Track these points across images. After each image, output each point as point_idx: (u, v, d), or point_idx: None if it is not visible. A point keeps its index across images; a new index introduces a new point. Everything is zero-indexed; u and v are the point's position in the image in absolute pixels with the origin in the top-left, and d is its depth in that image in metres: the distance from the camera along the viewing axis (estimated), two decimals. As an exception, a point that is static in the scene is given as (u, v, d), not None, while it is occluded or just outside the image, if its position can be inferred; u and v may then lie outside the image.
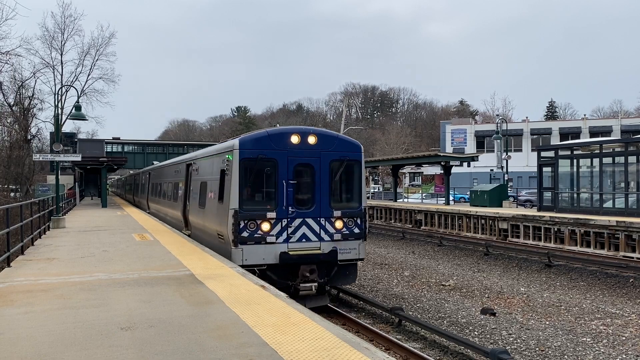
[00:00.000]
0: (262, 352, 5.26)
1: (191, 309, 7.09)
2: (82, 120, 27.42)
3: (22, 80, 46.33)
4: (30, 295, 7.95)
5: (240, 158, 12.15)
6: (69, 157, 23.23)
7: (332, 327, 6.23)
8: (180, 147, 68.20)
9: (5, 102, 44.83)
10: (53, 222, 19.46)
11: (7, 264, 10.92)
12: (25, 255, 12.51)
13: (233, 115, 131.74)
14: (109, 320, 6.51)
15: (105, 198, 38.42)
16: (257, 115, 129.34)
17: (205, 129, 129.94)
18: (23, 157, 44.57)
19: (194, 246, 13.77)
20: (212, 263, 10.95)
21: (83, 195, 51.39)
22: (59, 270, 10.23)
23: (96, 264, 10.86)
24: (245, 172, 12.24)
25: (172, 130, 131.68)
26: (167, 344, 5.56)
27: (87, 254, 12.43)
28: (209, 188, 14.27)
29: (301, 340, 5.63)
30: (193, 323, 6.36)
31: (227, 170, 12.52)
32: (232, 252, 11.87)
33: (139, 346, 5.51)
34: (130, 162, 60.17)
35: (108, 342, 5.67)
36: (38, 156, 24.00)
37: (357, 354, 5.19)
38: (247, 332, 5.95)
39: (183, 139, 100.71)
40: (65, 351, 5.37)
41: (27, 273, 9.93)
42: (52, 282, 8.97)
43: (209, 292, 8.07)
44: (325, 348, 5.38)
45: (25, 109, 47.29)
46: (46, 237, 16.54)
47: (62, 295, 7.98)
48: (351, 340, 5.69)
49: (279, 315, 6.67)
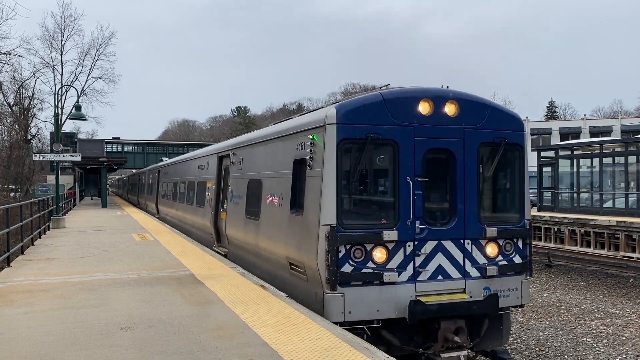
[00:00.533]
0: (262, 352, 5.26)
1: (191, 309, 7.08)
2: (82, 120, 27.42)
3: (22, 80, 46.43)
4: (30, 295, 7.95)
5: (340, 139, 7.41)
6: (69, 157, 23.25)
7: (332, 327, 6.23)
8: (180, 147, 68.26)
9: (5, 102, 44.88)
10: (53, 222, 19.47)
11: (7, 264, 10.93)
12: (25, 255, 12.51)
13: (233, 115, 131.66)
14: (109, 320, 6.50)
15: (105, 198, 38.45)
16: (257, 115, 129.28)
17: (205, 129, 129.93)
18: (23, 157, 44.63)
19: (194, 246, 13.77)
20: (212, 263, 10.94)
21: (83, 195, 51.42)
22: (59, 270, 10.22)
23: (96, 264, 10.86)
24: (346, 161, 7.57)
25: (172, 130, 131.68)
26: (167, 344, 5.56)
27: (87, 254, 12.43)
28: (268, 189, 9.68)
29: (301, 340, 5.63)
30: (193, 323, 6.36)
31: (310, 160, 7.86)
32: (325, 298, 7.31)
33: (139, 346, 5.50)
34: (130, 162, 60.25)
35: (108, 342, 5.66)
36: (38, 156, 24.00)
37: (357, 354, 5.19)
38: (247, 332, 5.95)
39: (183, 139, 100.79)
40: (65, 351, 5.37)
41: (27, 273, 9.93)
42: (52, 282, 8.97)
43: (209, 292, 8.06)
44: (326, 348, 5.38)
45: (25, 109, 47.33)
46: (46, 237, 16.54)
47: (62, 295, 7.98)
48: (351, 340, 5.68)
49: (279, 315, 6.67)
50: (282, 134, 9.35)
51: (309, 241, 7.63)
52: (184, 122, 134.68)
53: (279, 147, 9.45)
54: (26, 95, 47.48)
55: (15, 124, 46.09)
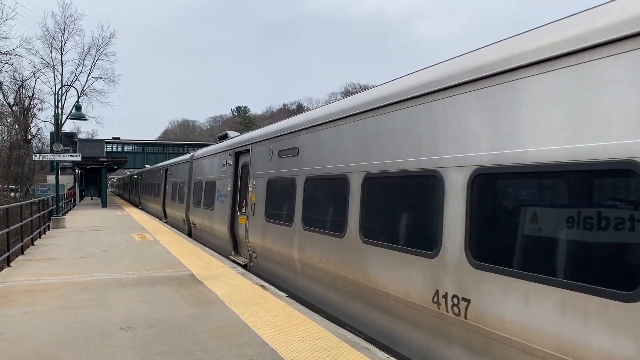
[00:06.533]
0: (262, 352, 5.25)
1: (191, 309, 7.08)
2: (82, 120, 27.44)
3: (22, 80, 46.41)
4: (30, 295, 7.95)
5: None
6: (69, 157, 23.24)
7: (332, 327, 6.22)
8: (180, 147, 68.30)
9: (5, 102, 44.87)
10: (53, 222, 19.48)
11: (7, 263, 10.93)
12: (25, 255, 12.51)
13: (233, 115, 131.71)
14: (109, 320, 6.50)
15: (105, 198, 38.48)
16: (257, 115, 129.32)
17: (205, 129, 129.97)
18: (23, 157, 44.62)
19: (194, 246, 13.77)
20: (212, 263, 10.94)
21: (83, 195, 51.45)
22: (59, 270, 10.22)
23: (96, 264, 10.85)
24: None
25: (172, 130, 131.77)
26: (167, 344, 5.56)
27: (87, 254, 12.43)
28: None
29: (301, 340, 5.63)
30: (193, 323, 6.36)
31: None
32: None
33: (139, 346, 5.50)
34: (130, 162, 60.27)
35: (108, 342, 5.66)
36: (38, 156, 24.00)
37: (357, 354, 5.18)
38: (248, 332, 5.94)
39: (183, 139, 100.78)
40: (65, 351, 5.37)
41: (27, 273, 9.92)
42: (52, 282, 8.97)
43: (209, 292, 8.06)
44: (326, 348, 5.37)
45: (25, 108, 47.32)
46: (46, 237, 16.54)
47: (62, 295, 7.98)
48: (351, 340, 5.68)
49: (279, 315, 6.67)
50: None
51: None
52: (184, 122, 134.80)
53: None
54: (26, 95, 47.51)
55: (15, 123, 46.09)
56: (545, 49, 4.09)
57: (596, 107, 3.66)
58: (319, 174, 7.79)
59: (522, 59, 4.30)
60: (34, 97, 47.95)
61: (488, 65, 4.67)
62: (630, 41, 3.46)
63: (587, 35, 3.75)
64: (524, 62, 4.26)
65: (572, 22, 4.01)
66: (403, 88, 5.98)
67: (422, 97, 5.56)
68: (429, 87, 5.45)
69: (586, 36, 3.76)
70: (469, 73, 4.89)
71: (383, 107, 6.27)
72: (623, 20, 3.52)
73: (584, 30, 3.81)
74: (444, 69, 5.39)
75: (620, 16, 3.56)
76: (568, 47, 3.89)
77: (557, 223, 3.97)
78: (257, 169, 10.62)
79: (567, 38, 3.93)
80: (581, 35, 3.81)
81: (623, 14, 3.55)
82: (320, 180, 7.79)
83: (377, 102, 6.43)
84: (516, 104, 4.34)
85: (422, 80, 5.66)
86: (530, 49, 4.25)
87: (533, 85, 4.18)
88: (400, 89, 6.04)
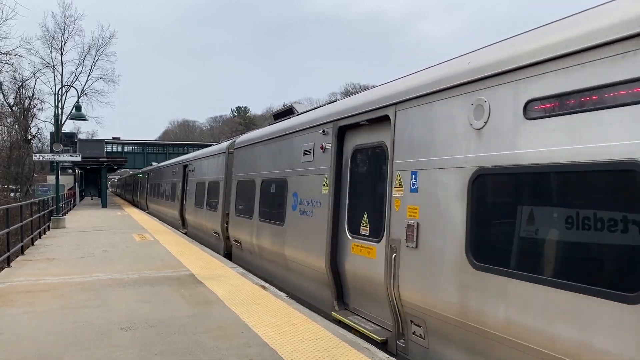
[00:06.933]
0: (262, 353, 5.26)
1: (191, 309, 7.08)
2: (82, 120, 27.43)
3: (22, 80, 46.37)
4: (31, 295, 7.95)
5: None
6: (69, 157, 23.24)
7: (332, 327, 6.23)
8: (180, 147, 68.28)
9: (5, 102, 44.85)
10: (53, 222, 19.48)
11: (7, 264, 10.93)
12: (25, 255, 12.51)
13: (233, 115, 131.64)
14: (109, 320, 6.50)
15: (105, 198, 38.48)
16: (257, 115, 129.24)
17: (205, 129, 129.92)
18: (23, 157, 44.61)
19: (194, 246, 13.78)
20: (212, 263, 10.95)
21: (83, 196, 51.46)
22: (59, 270, 10.22)
23: (96, 264, 10.86)
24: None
25: (172, 130, 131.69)
26: (167, 344, 5.56)
27: (87, 254, 12.43)
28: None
29: (301, 341, 5.63)
30: (193, 323, 6.36)
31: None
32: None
33: (139, 346, 5.50)
34: (130, 162, 60.25)
35: (108, 342, 5.66)
36: (38, 156, 24.01)
37: (358, 354, 5.18)
38: (248, 333, 5.95)
39: (183, 139, 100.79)
40: (65, 351, 5.37)
41: (27, 273, 9.93)
42: (53, 282, 8.97)
43: (209, 292, 8.06)
44: (326, 348, 5.37)
45: (25, 109, 47.31)
46: (46, 237, 16.54)
47: (62, 295, 7.98)
48: (351, 340, 5.68)
49: (280, 316, 6.67)
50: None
51: None
52: (184, 122, 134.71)
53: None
54: (26, 95, 47.47)
55: (15, 124, 46.06)
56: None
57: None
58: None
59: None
60: (34, 97, 47.96)
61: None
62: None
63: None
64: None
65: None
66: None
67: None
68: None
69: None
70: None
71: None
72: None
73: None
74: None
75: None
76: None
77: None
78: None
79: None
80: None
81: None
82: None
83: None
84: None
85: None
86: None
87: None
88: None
